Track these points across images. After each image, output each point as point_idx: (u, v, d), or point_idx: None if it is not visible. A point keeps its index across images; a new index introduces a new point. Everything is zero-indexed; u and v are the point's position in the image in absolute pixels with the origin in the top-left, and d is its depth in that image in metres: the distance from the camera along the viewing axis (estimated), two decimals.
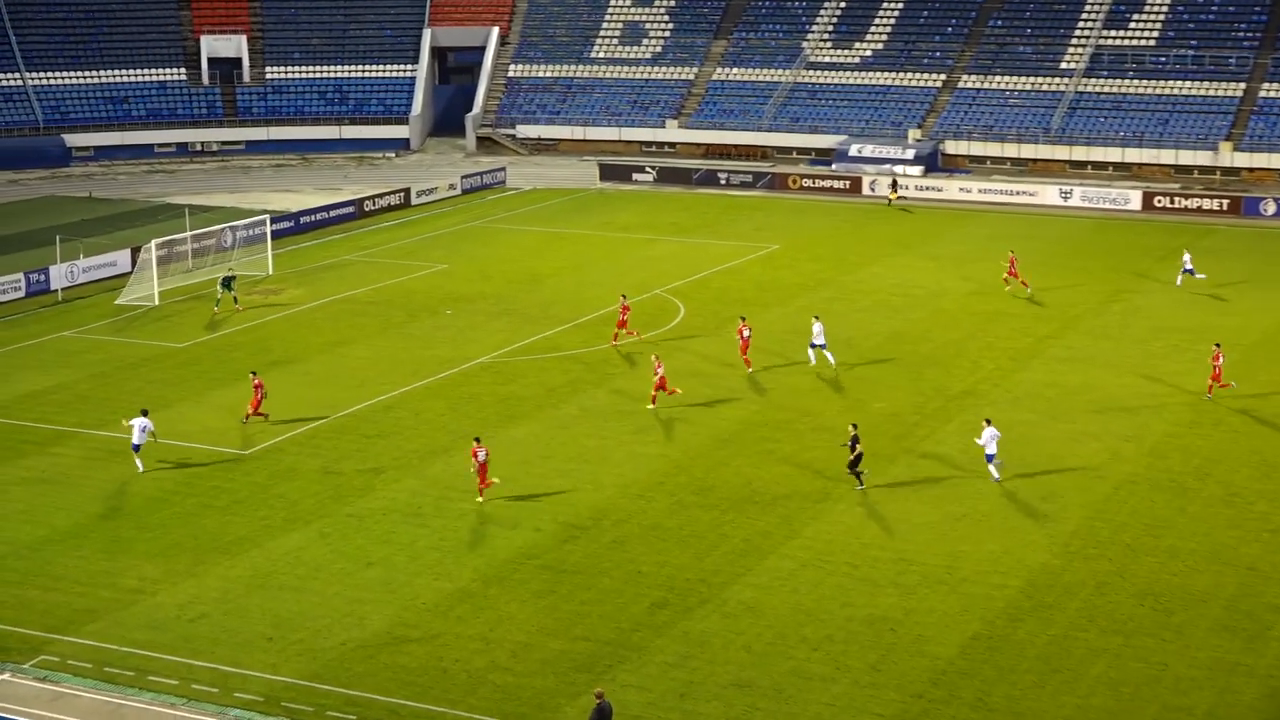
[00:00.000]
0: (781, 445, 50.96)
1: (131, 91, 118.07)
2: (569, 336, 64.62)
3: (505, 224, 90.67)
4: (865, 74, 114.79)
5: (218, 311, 69.37)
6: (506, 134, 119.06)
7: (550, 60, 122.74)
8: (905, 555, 42.14)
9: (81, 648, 37.21)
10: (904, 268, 77.14)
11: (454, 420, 53.89)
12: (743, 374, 58.76)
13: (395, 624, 38.42)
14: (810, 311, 67.90)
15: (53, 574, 41.54)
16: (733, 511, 45.44)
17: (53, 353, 63.20)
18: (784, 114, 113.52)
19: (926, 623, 38.22)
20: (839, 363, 59.92)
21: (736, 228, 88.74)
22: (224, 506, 46.24)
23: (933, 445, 50.83)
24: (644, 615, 38.77)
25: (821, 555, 42.24)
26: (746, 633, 37.80)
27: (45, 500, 46.87)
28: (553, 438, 52.04)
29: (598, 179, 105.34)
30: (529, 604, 39.47)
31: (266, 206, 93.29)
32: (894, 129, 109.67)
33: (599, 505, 46.00)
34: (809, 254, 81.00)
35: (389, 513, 45.61)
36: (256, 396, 53.11)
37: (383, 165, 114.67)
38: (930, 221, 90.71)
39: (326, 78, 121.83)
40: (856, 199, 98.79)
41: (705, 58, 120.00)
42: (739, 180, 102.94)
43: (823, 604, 39.28)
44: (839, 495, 46.47)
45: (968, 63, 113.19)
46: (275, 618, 38.77)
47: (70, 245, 77.18)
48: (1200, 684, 35.25)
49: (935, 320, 66.71)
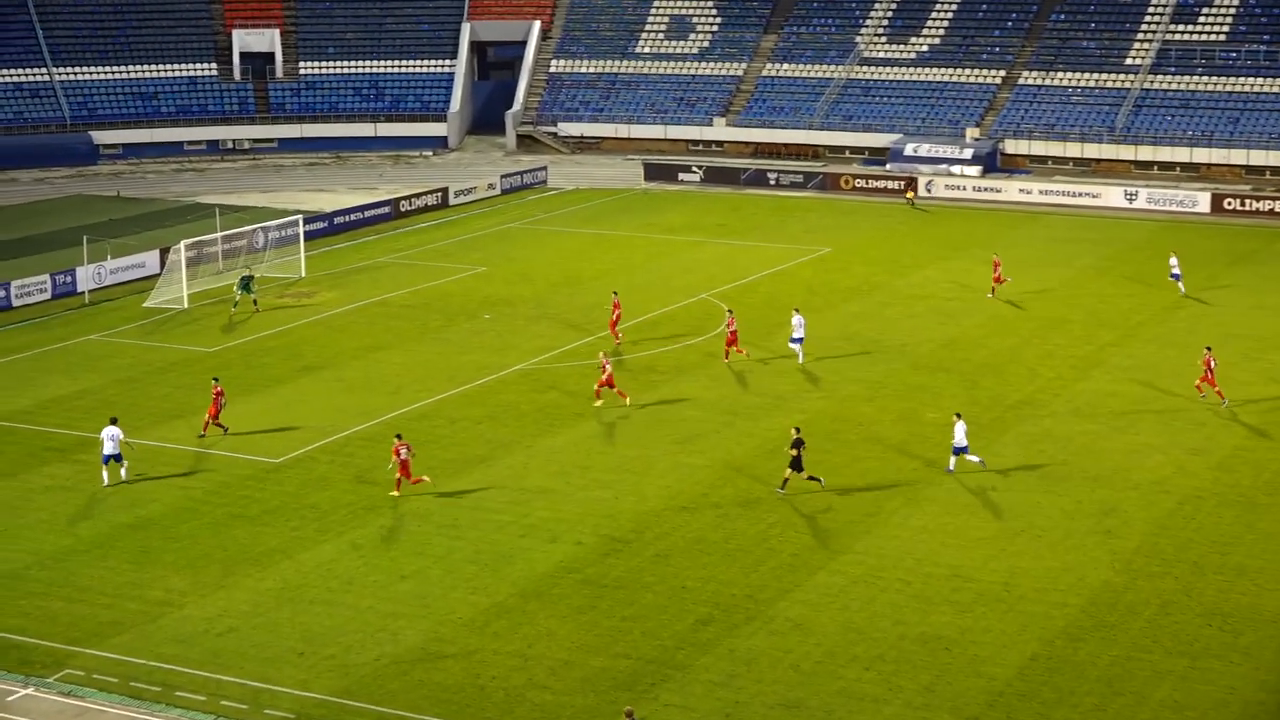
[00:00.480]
0: (831, 456, 50.87)
1: (161, 87, 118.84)
2: (611, 342, 64.62)
3: (546, 225, 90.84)
4: (921, 70, 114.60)
5: (235, 312, 69.82)
6: (548, 132, 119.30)
7: (594, 55, 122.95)
8: (961, 571, 42.02)
9: (107, 661, 37.44)
10: (959, 272, 76.92)
11: (491, 429, 54.01)
12: (791, 382, 58.72)
13: (430, 639, 38.52)
14: (863, 317, 67.85)
15: (78, 585, 41.82)
16: (781, 525, 45.39)
17: (79, 356, 63.65)
18: (836, 112, 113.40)
19: (983, 642, 38.10)
20: (892, 369, 59.89)
21: (786, 230, 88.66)
22: (254, 517, 46.46)
23: (989, 457, 50.61)
24: (688, 632, 38.77)
25: (873, 571, 42.15)
26: (795, 651, 37.76)
27: (70, 509, 47.19)
28: (593, 447, 52.10)
29: (642, 179, 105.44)
30: (569, 620, 39.52)
31: (299, 206, 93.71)
32: (951, 127, 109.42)
33: (641, 517, 46.02)
34: (861, 257, 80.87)
35: (424, 524, 45.73)
36: (215, 405, 52.86)
37: (419, 164, 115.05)
38: (988, 224, 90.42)
39: (362, 73, 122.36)
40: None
41: (754, 53, 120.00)
42: (789, 180, 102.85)
43: (874, 622, 39.19)
44: (892, 509, 46.38)
45: (1028, 58, 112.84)
46: (306, 632, 38.93)
47: (97, 246, 77.71)
48: (1270, 709, 35.01)
49: (992, 326, 66.51)
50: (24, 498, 48.12)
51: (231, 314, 69.81)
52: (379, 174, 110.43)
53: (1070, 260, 79.43)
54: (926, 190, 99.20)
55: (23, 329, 68.34)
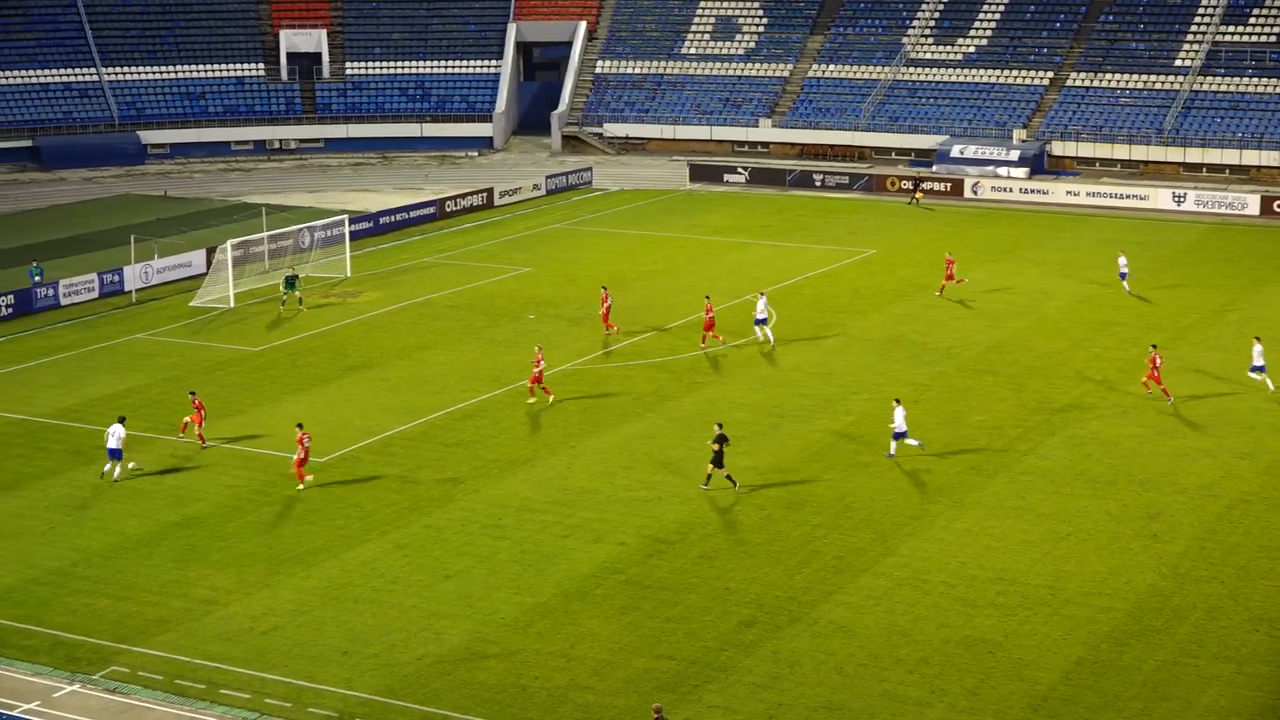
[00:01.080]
0: (877, 458, 50.78)
1: (208, 87, 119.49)
2: (655, 343, 64.70)
3: (591, 226, 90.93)
4: (968, 71, 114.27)
5: (283, 311, 70.20)
6: (593, 132, 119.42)
7: (639, 56, 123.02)
8: (1005, 575, 41.89)
9: (152, 659, 37.67)
10: (1006, 274, 76.67)
11: (535, 429, 54.09)
12: (837, 385, 58.65)
13: (473, 639, 38.62)
14: (908, 319, 67.73)
15: (124, 583, 42.08)
16: (825, 527, 45.34)
17: (126, 355, 64.03)
18: (882, 113, 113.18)
19: (1027, 646, 37.97)
20: (938, 371, 59.79)
21: (831, 231, 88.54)
22: (299, 516, 46.67)
23: (1035, 460, 50.49)
24: (731, 634, 38.76)
25: (918, 574, 42.06)
26: (838, 653, 37.71)
27: (117, 507, 47.48)
28: (638, 448, 52.14)
29: (687, 180, 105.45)
30: (612, 620, 39.56)
31: (345, 206, 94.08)
32: (998, 129, 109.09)
33: (685, 519, 46.04)
34: (907, 259, 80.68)
35: (468, 524, 45.86)
36: (199, 417, 52.62)
37: (465, 164, 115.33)
38: (1035, 226, 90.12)
39: (408, 74, 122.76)
40: (958, 202, 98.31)
41: (801, 54, 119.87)
42: (835, 182, 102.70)
43: (918, 625, 39.11)
44: (936, 512, 46.28)
45: (1076, 60, 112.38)
46: (350, 631, 39.09)
47: (145, 245, 78.17)
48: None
49: (1039, 329, 66.27)
50: (71, 495, 48.43)
51: (280, 312, 70.22)
52: (424, 174, 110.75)
53: (1118, 263, 78.98)
54: (973, 192, 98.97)
55: (70, 327, 68.79)
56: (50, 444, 53.26)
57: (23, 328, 68.87)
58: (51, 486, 49.21)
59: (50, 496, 48.34)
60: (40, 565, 43.17)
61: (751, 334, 64.38)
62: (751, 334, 64.38)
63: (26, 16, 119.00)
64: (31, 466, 51.06)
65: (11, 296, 71.10)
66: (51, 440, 53.64)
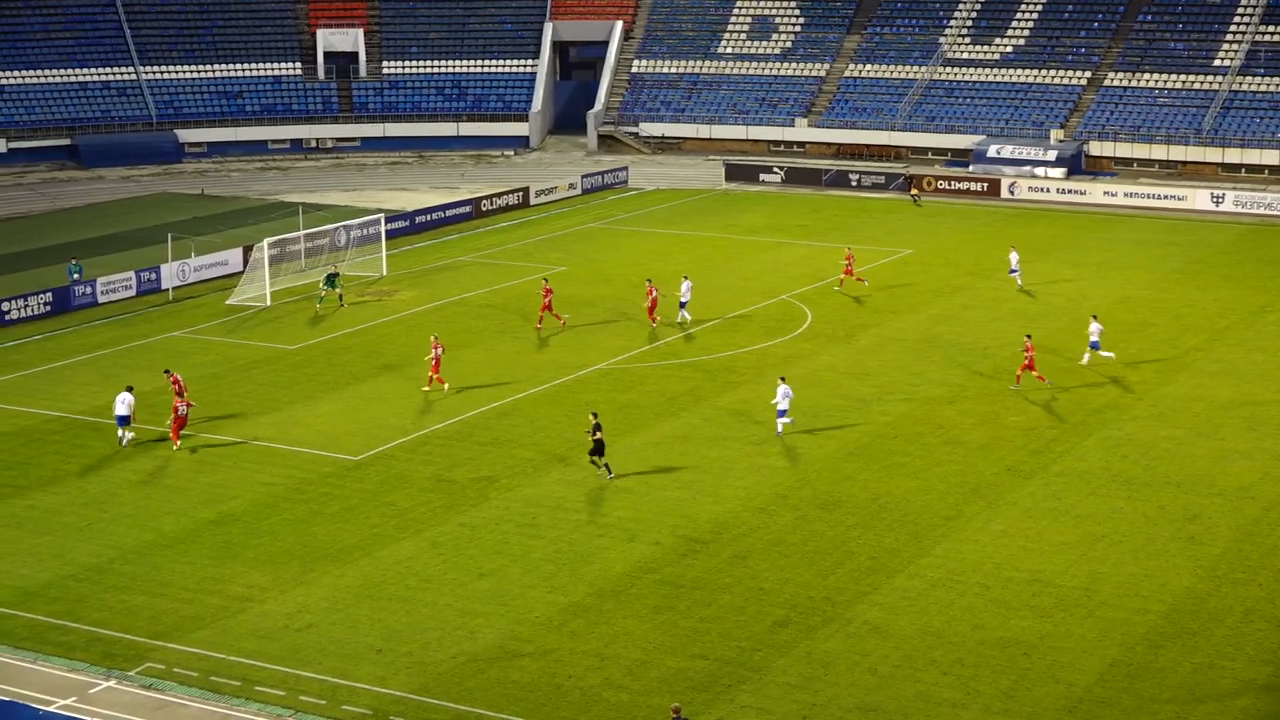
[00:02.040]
0: (912, 459, 50.70)
1: (246, 86, 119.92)
2: (690, 343, 64.69)
3: (626, 225, 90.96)
4: (1005, 71, 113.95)
5: (320, 309, 70.45)
6: (629, 132, 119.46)
7: (676, 55, 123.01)
8: (1041, 576, 41.77)
9: (187, 656, 37.83)
10: (1043, 274, 76.43)
11: (570, 428, 54.13)
12: (873, 385, 58.58)
13: (507, 638, 38.67)
14: (945, 319, 67.60)
15: (160, 580, 42.27)
16: (859, 527, 45.28)
17: (162, 353, 64.30)
18: (919, 113, 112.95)
19: (1063, 648, 37.86)
20: (974, 372, 59.64)
21: (868, 231, 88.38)
22: (334, 514, 46.80)
23: (1072, 461, 50.33)
24: (765, 634, 38.74)
25: (952, 575, 41.97)
26: (872, 654, 37.65)
27: (153, 504, 47.71)
28: (672, 448, 52.14)
29: (723, 179, 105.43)
30: (646, 620, 39.57)
31: (381, 205, 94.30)
32: (1035, 129, 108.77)
33: (720, 518, 46.03)
34: (943, 259, 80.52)
35: (502, 523, 45.92)
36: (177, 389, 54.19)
37: (501, 164, 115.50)
38: (1072, 226, 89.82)
39: (444, 73, 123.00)
40: (995, 202, 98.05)
41: (837, 53, 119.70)
42: (871, 182, 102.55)
43: (953, 626, 39.03)
44: (972, 513, 46.16)
45: (1114, 59, 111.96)
46: (385, 629, 39.18)
47: (182, 244, 78.49)
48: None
49: (1076, 331, 65.99)
50: (108, 492, 48.70)
51: (317, 310, 70.47)
52: (460, 173, 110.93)
53: (1155, 264, 78.77)
54: (1010, 192, 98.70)
55: (108, 325, 69.11)
56: (88, 441, 53.53)
57: (61, 325, 69.23)
58: (89, 483, 49.46)
59: (88, 493, 48.59)
60: (77, 562, 43.40)
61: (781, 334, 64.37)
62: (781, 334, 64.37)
63: (65, 15, 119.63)
64: (70, 464, 51.33)
65: (50, 294, 71.47)
66: (89, 438, 53.92)
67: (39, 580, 42.28)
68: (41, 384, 60.23)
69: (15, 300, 70.19)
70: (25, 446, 53.13)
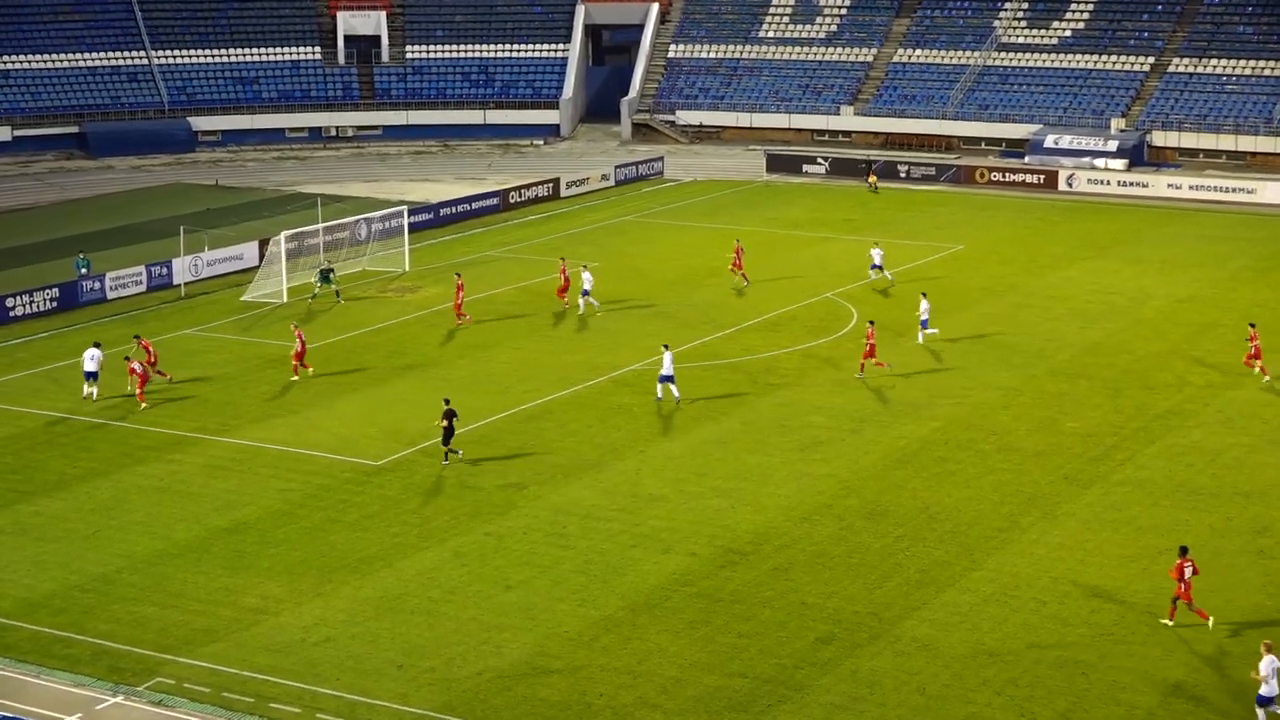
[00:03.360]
0: (964, 466, 50.57)
1: (262, 72, 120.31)
2: (729, 343, 64.66)
3: (662, 219, 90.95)
4: (1063, 56, 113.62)
5: (312, 303, 70.77)
6: (665, 120, 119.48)
7: (714, 40, 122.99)
8: (1101, 591, 41.61)
9: (199, 670, 37.91)
10: (1103, 272, 76.20)
11: (603, 433, 54.14)
12: (922, 388, 58.45)
13: (535, 654, 38.67)
14: (998, 319, 67.47)
15: (170, 590, 42.38)
16: (908, 539, 45.17)
17: (174, 352, 64.48)
18: (972, 100, 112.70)
19: (1123, 668, 37.69)
20: (1029, 375, 59.55)
21: (916, 226, 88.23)
22: (353, 522, 46.88)
23: (1133, 470, 50.13)
24: (808, 651, 38.67)
25: (1006, 589, 41.83)
26: (921, 673, 37.55)
27: (164, 511, 47.84)
28: (710, 453, 52.10)
29: (764, 170, 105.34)
30: (681, 635, 39.54)
31: (404, 197, 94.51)
32: (1095, 118, 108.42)
33: (760, 528, 45.96)
34: (997, 255, 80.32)
35: (530, 532, 45.93)
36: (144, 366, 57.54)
37: (530, 153, 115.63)
38: (1133, 221, 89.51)
39: (471, 58, 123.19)
40: (1051, 195, 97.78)
41: (885, 38, 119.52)
42: (920, 173, 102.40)
43: (1006, 643, 38.90)
44: (1027, 524, 46.01)
45: (1179, 44, 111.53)
46: (406, 644, 39.22)
47: (194, 237, 78.74)
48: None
49: (1137, 331, 65.79)
50: (117, 498, 48.87)
51: (309, 304, 70.79)
52: (487, 164, 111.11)
53: (1223, 261, 78.43)
54: (1068, 185, 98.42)
55: (117, 322, 69.35)
56: (95, 444, 53.73)
57: (68, 322, 69.52)
58: (96, 488, 49.62)
59: (95, 499, 48.76)
60: (83, 571, 43.55)
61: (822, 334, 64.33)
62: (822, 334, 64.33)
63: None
64: (75, 468, 51.52)
65: (56, 290, 71.77)
66: (96, 440, 54.11)
67: (43, 590, 42.43)
68: (47, 384, 60.49)
69: (20, 296, 70.53)
70: (30, 449, 53.36)
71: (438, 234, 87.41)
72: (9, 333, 67.79)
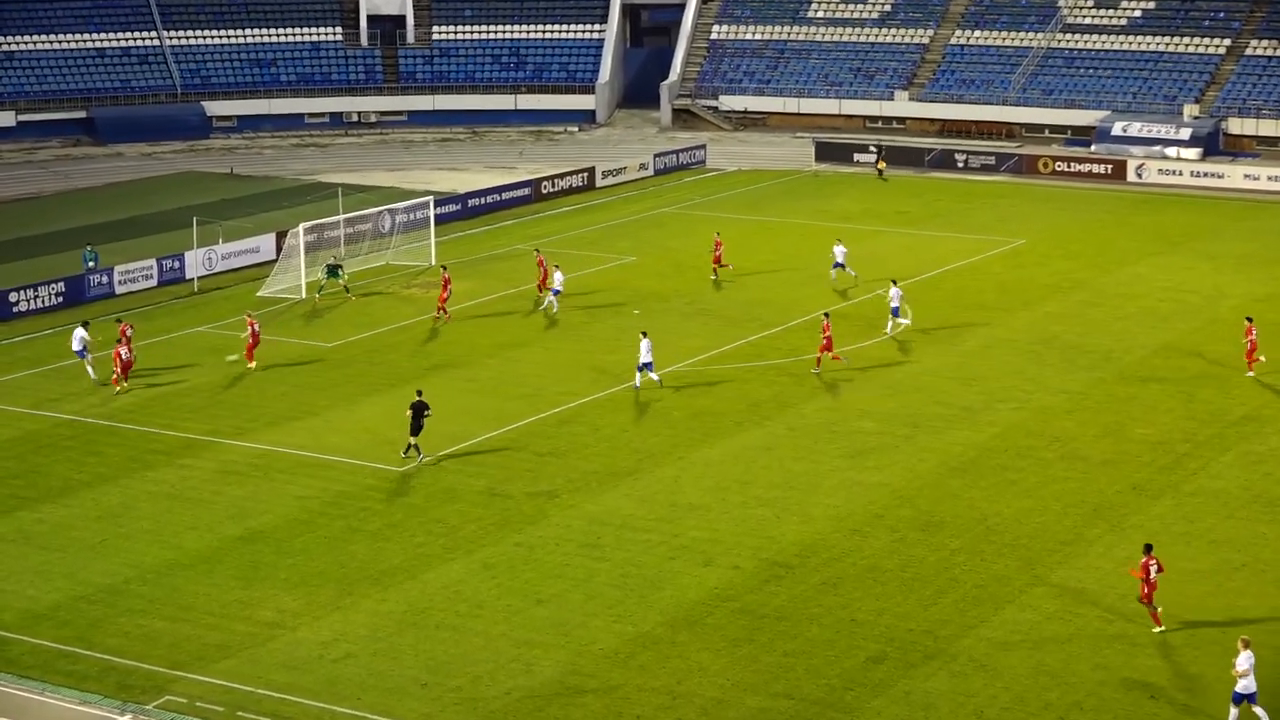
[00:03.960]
0: (1025, 475, 50.46)
1: (280, 53, 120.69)
2: (775, 343, 64.65)
3: (704, 210, 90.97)
4: (1133, 38, 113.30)
5: (319, 299, 71.05)
6: (707, 106, 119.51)
7: (760, 20, 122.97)
8: (1171, 610, 41.43)
9: (211, 688, 38.03)
10: (1175, 268, 75.98)
11: (639, 437, 54.17)
12: (980, 392, 58.34)
13: (568, 672, 38.71)
14: (1062, 318, 67.32)
15: (181, 603, 42.53)
16: (965, 552, 45.09)
17: (186, 350, 64.75)
18: (1035, 85, 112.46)
19: (1195, 689, 37.56)
20: (1096, 378, 59.34)
21: (975, 218, 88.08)
22: (375, 531, 46.98)
23: (1206, 480, 49.96)
24: (858, 671, 38.63)
25: (1070, 606, 41.73)
26: (978, 695, 37.48)
27: (174, 518, 48.01)
28: (754, 460, 52.09)
29: (813, 159, 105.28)
30: (723, 653, 39.54)
31: (430, 187, 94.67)
32: (1166, 104, 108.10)
33: (807, 540, 45.93)
34: (1061, 250, 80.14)
35: (563, 543, 45.98)
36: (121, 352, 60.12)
37: (564, 141, 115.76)
38: (1208, 214, 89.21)
39: (501, 39, 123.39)
40: (1120, 186, 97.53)
41: (942, 18, 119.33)
42: (980, 163, 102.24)
43: (1070, 664, 38.81)
44: (1093, 536, 45.89)
45: (1258, 24, 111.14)
46: (431, 661, 39.30)
47: (208, 228, 79.05)
48: None
49: (1212, 331, 65.57)
50: (125, 504, 49.06)
51: (316, 300, 71.16)
52: (518, 152, 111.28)
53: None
54: (1137, 175, 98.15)
55: (126, 319, 69.50)
56: (102, 448, 53.96)
57: (74, 318, 69.51)
58: (104, 495, 49.83)
59: (102, 506, 48.96)
60: (90, 582, 43.73)
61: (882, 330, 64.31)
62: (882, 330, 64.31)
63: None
64: (82, 473, 51.75)
65: (62, 284, 72.10)
66: (104, 444, 54.35)
67: (47, 602, 42.63)
68: (52, 384, 60.77)
69: (24, 290, 70.89)
70: (33, 453, 53.62)
71: (465, 226, 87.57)
72: (12, 329, 68.14)
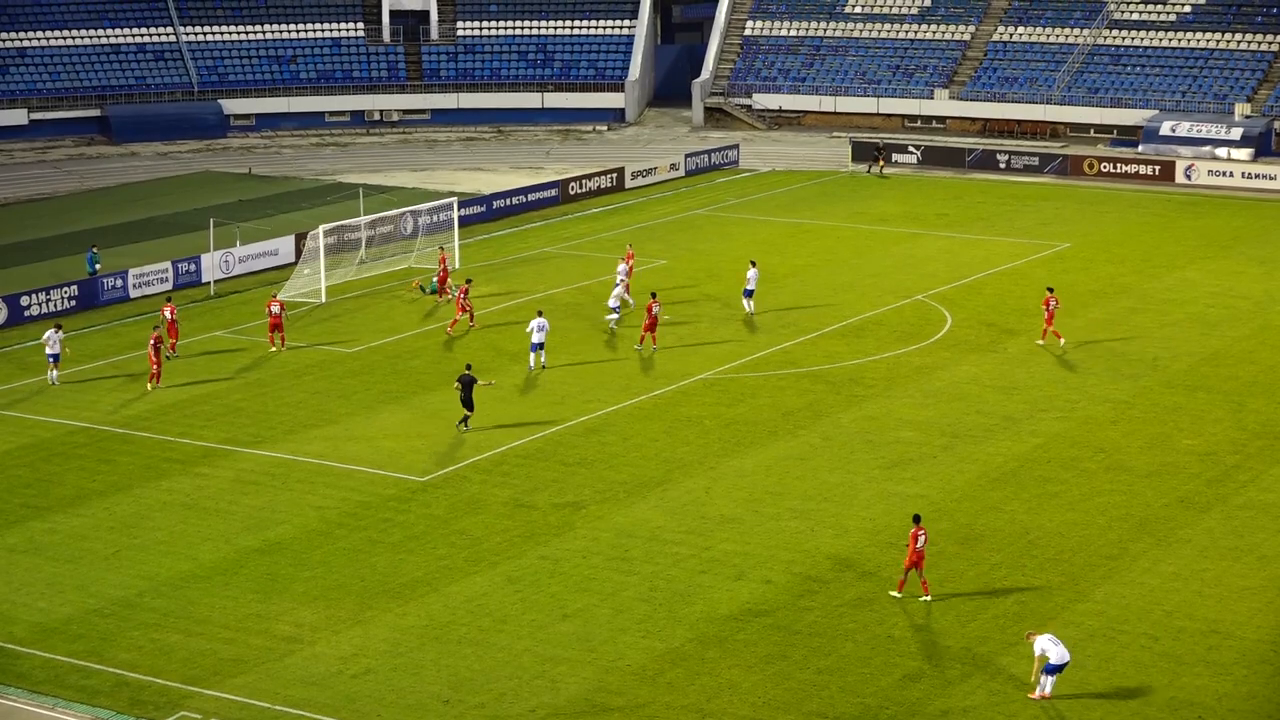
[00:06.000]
0: (1068, 487, 50.39)
1: (300, 50, 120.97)
2: (810, 349, 64.64)
3: (737, 212, 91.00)
4: (1182, 35, 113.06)
5: (417, 291, 71.83)
6: (741, 105, 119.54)
7: (795, 16, 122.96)
8: (1219, 627, 41.39)
9: (227, 704, 38.14)
10: (1225, 273, 75.81)
11: (670, 447, 54.20)
12: (1022, 400, 58.27)
13: (595, 689, 38.76)
14: (1108, 324, 67.23)
15: (197, 616, 42.66)
16: (1005, 566, 45.04)
17: (202, 355, 64.89)
18: (1080, 83, 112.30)
19: (1243, 711, 37.50)
20: (1141, 387, 59.27)
21: (1018, 221, 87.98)
22: (396, 543, 47.07)
23: (1256, 492, 49.84)
24: (894, 689, 38.62)
25: (1114, 624, 41.67)
26: (1019, 715, 37.44)
27: (190, 529, 48.15)
28: (788, 471, 52.10)
29: (849, 160, 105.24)
30: (755, 670, 39.55)
31: (454, 188, 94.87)
32: (1216, 102, 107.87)
33: (842, 554, 45.93)
34: (1107, 254, 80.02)
35: (590, 556, 46.03)
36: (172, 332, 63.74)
37: (592, 140, 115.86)
38: (1260, 217, 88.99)
39: (528, 35, 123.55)
40: (1168, 187, 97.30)
41: (984, 14, 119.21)
42: (1022, 164, 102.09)
43: (1114, 684, 38.74)
44: (1138, 551, 45.81)
45: None
46: (453, 677, 39.37)
47: (225, 230, 79.24)
48: None
49: (1263, 339, 65.42)
50: (139, 514, 49.22)
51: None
52: (545, 152, 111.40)
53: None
54: (1186, 176, 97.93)
55: (141, 323, 69.79)
56: (116, 456, 54.14)
57: (87, 323, 70.06)
58: (117, 504, 49.99)
59: (115, 516, 49.12)
60: (103, 594, 43.89)
61: None
62: None
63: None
64: (95, 481, 51.93)
65: (75, 287, 72.26)
66: (117, 452, 54.53)
67: (59, 615, 42.79)
68: (64, 390, 60.98)
69: (35, 294, 71.06)
70: (45, 462, 53.82)
71: (490, 228, 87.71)
72: (24, 333, 68.33)
